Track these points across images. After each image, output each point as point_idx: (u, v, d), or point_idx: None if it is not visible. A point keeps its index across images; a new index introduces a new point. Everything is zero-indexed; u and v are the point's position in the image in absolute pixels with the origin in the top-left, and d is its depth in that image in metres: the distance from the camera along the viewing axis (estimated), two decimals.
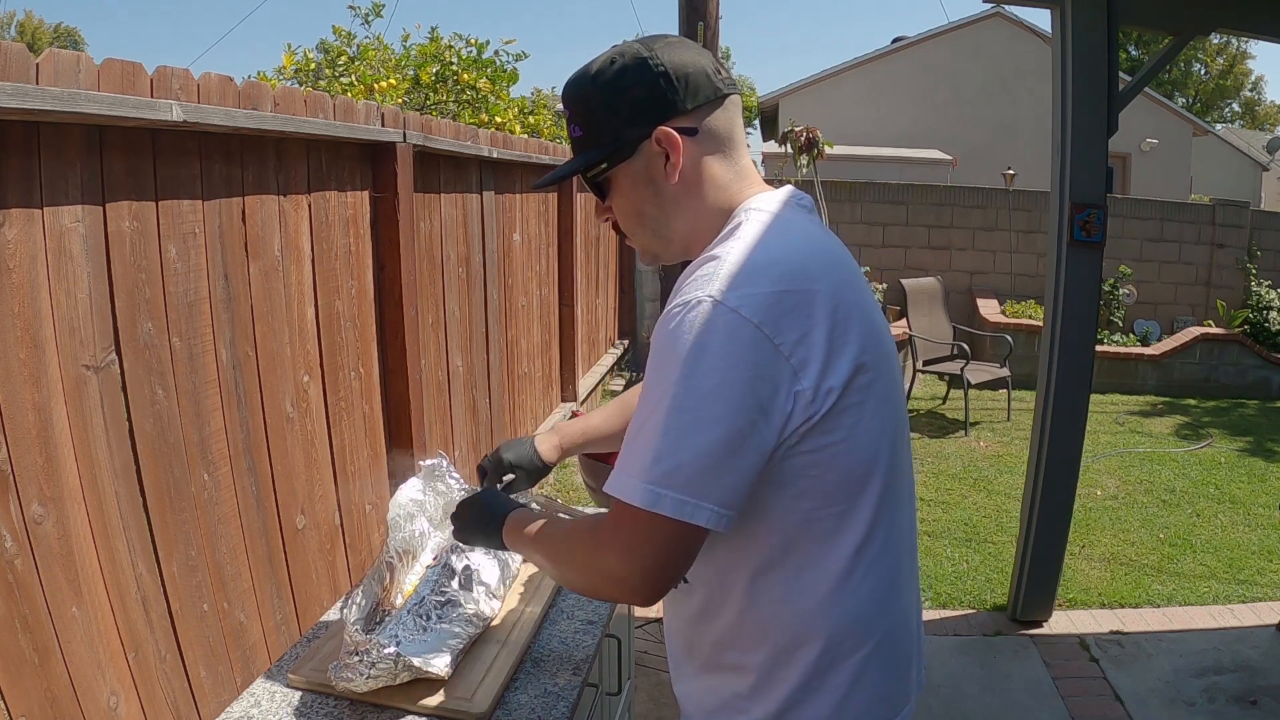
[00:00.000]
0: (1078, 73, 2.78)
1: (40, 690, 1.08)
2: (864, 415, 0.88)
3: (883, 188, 8.48)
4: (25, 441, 1.07)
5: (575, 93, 0.97)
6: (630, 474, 0.84)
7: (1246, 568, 3.72)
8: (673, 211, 0.97)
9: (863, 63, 14.50)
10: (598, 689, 1.67)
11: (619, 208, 1.00)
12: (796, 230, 0.94)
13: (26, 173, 1.08)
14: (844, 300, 0.88)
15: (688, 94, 0.93)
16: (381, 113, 2.05)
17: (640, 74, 0.93)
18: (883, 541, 0.94)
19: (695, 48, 0.97)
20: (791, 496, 0.89)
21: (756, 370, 0.81)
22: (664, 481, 0.81)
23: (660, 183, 0.96)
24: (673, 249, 1.01)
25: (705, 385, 0.81)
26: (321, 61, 5.80)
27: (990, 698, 2.72)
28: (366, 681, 1.28)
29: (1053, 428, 3.01)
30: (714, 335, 0.81)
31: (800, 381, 0.83)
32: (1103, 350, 6.87)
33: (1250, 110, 31.67)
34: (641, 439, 0.84)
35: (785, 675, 0.94)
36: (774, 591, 0.93)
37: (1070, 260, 2.90)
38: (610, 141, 0.95)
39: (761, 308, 0.82)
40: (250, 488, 1.55)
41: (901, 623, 0.99)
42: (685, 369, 0.82)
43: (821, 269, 0.89)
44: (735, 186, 0.97)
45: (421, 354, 2.32)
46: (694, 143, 0.94)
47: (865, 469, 0.91)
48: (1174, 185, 13.38)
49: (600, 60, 0.96)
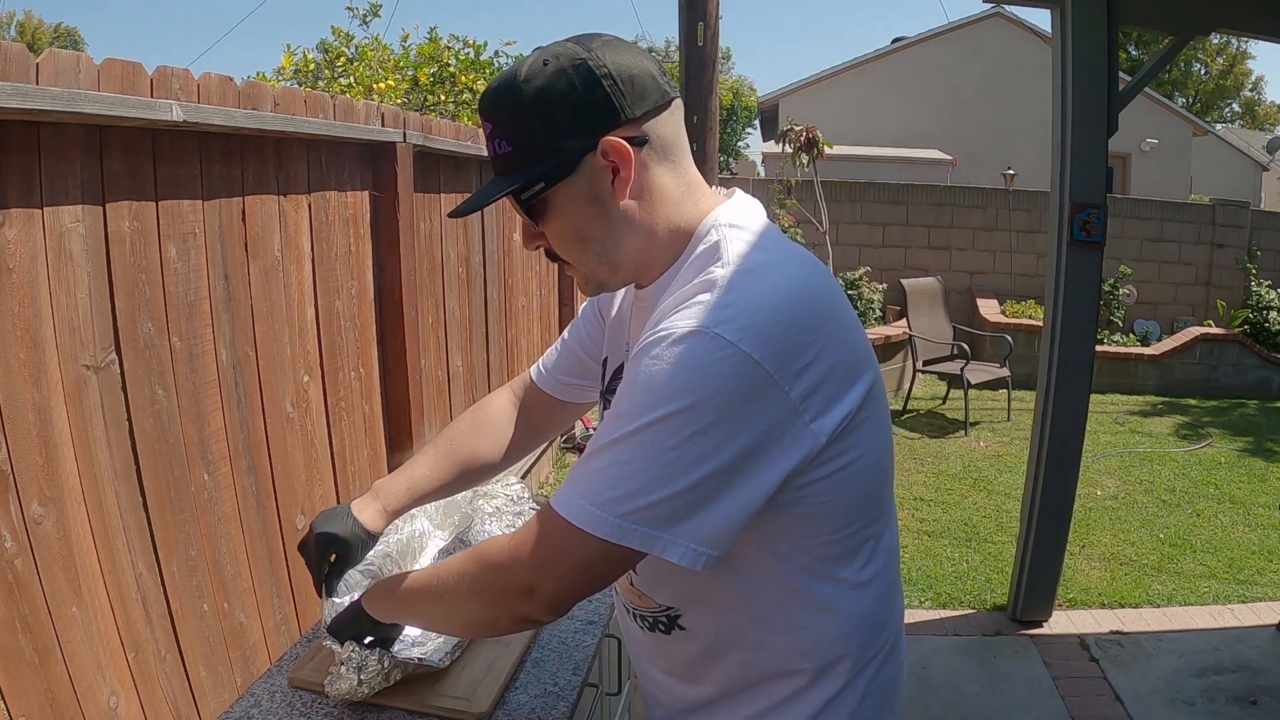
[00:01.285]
0: (1078, 73, 2.78)
1: (40, 690, 1.08)
2: (871, 429, 0.85)
3: (883, 188, 8.48)
4: (25, 441, 1.07)
5: (501, 102, 0.84)
6: (587, 499, 0.77)
7: (1246, 568, 3.72)
8: (622, 232, 0.87)
9: (863, 63, 14.50)
10: (598, 689, 1.67)
11: (556, 231, 0.88)
12: (780, 246, 0.87)
13: (26, 173, 1.08)
14: (837, 315, 0.83)
15: (634, 99, 0.83)
16: (381, 113, 2.05)
17: (581, 77, 0.82)
18: (889, 548, 0.93)
19: (636, 48, 0.88)
20: (816, 523, 0.85)
21: (755, 408, 0.75)
22: (632, 516, 0.75)
23: (607, 201, 0.85)
24: (621, 274, 0.91)
25: (696, 424, 0.74)
26: (320, 62, 5.80)
27: (990, 698, 2.72)
28: (360, 688, 1.28)
29: (1053, 428, 3.01)
30: (708, 371, 0.74)
31: (805, 412, 0.77)
32: (1103, 350, 6.87)
33: (1250, 110, 31.67)
34: (608, 466, 0.77)
35: (810, 696, 0.91)
36: (791, 622, 0.89)
37: (1070, 260, 2.90)
38: (547, 157, 0.83)
39: (762, 340, 0.75)
40: (250, 488, 1.55)
41: (900, 622, 0.99)
42: (675, 405, 0.74)
43: (815, 288, 0.83)
44: (687, 200, 0.89)
45: (421, 354, 2.32)
46: (642, 154, 0.85)
47: (877, 482, 0.88)
48: (1174, 185, 13.38)
49: (530, 64, 0.83)
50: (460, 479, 1.23)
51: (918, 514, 4.32)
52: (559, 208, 0.86)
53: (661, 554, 0.76)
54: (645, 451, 0.75)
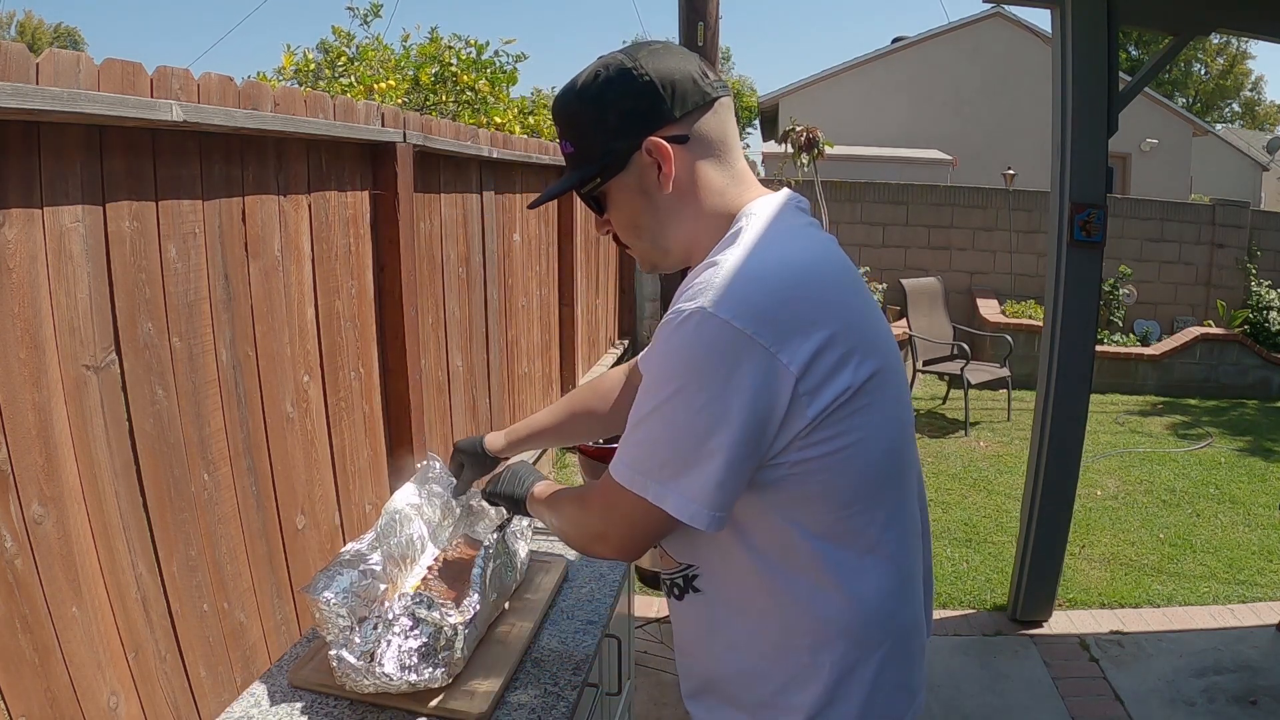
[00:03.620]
0: (1078, 73, 2.78)
1: (40, 690, 1.08)
2: (874, 417, 0.89)
3: (883, 188, 8.48)
4: (25, 441, 1.07)
5: (563, 109, 0.97)
6: (627, 464, 0.90)
7: (1246, 568, 3.72)
8: (668, 221, 0.97)
9: (863, 63, 14.50)
10: (598, 689, 1.67)
11: (616, 220, 1.00)
12: (797, 234, 0.94)
13: (26, 173, 1.08)
14: (847, 303, 0.89)
15: (675, 101, 0.93)
16: (381, 113, 2.05)
17: (625, 85, 0.92)
18: (899, 539, 0.95)
19: (681, 53, 0.97)
20: (808, 502, 0.89)
21: (751, 380, 0.82)
22: (656, 476, 0.87)
23: (654, 193, 0.95)
24: (671, 258, 1.01)
25: (698, 400, 0.83)
26: (321, 62, 5.80)
27: (990, 698, 2.72)
28: (368, 687, 1.32)
29: (1053, 428, 3.01)
30: (706, 348, 0.82)
31: (801, 388, 0.83)
32: (1103, 350, 6.87)
33: (1250, 110, 31.67)
34: (641, 439, 0.89)
35: (815, 677, 0.93)
36: (796, 595, 0.93)
37: (1070, 260, 2.90)
38: (601, 156, 0.95)
39: (756, 317, 0.82)
40: (250, 488, 1.55)
41: (915, 618, 1.00)
42: (679, 382, 0.84)
43: (823, 273, 0.89)
44: (733, 191, 0.97)
45: (421, 354, 2.32)
46: (685, 150, 0.94)
47: (879, 470, 0.91)
48: (1174, 185, 13.38)
49: (585, 74, 0.95)
50: (569, 421, 1.48)
51: None
52: (615, 200, 0.98)
53: (691, 520, 0.86)
54: (664, 426, 0.86)
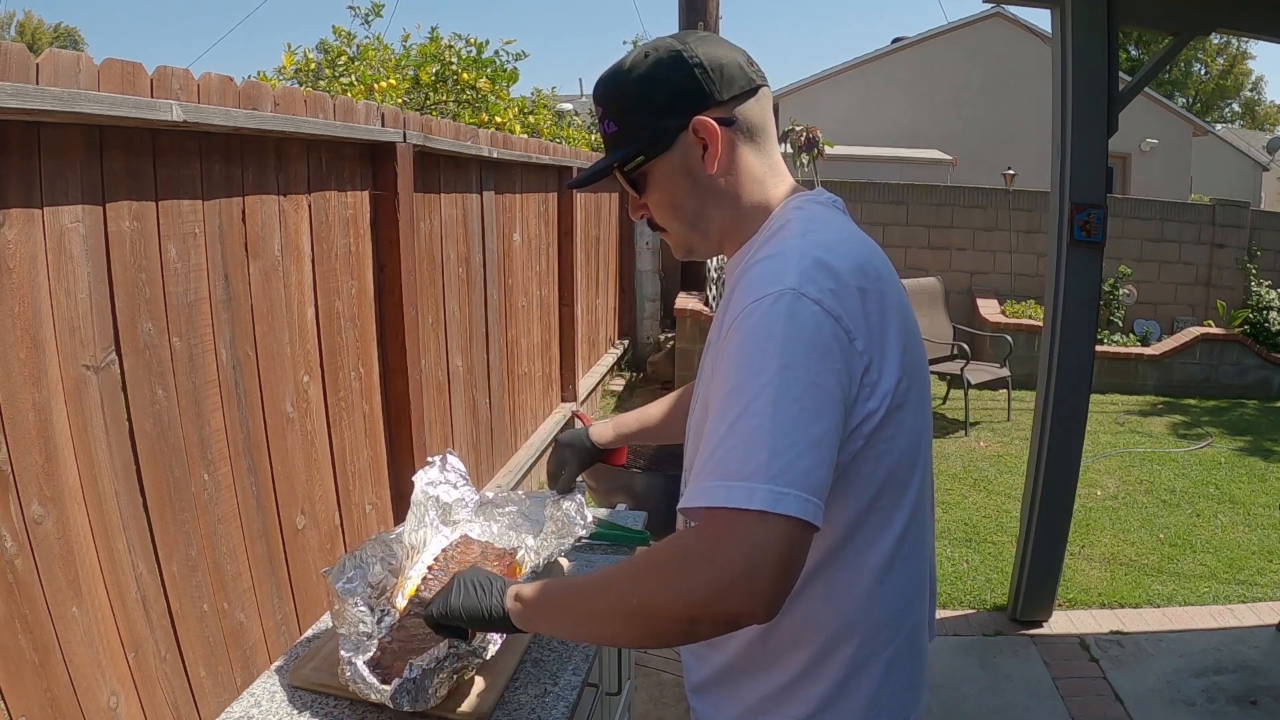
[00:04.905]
0: (1078, 73, 2.78)
1: (40, 690, 1.08)
2: (909, 414, 0.90)
3: (883, 188, 8.48)
4: (25, 441, 1.07)
5: (610, 88, 0.97)
6: (737, 478, 0.74)
7: (1246, 568, 3.72)
8: (710, 203, 0.97)
9: (863, 63, 14.50)
10: (598, 689, 1.67)
11: (655, 202, 1.00)
12: (845, 229, 0.95)
13: (26, 173, 1.08)
14: (900, 302, 0.92)
15: (723, 84, 0.94)
16: (381, 113, 2.05)
17: (676, 65, 0.93)
18: (916, 537, 0.96)
19: (727, 42, 0.99)
20: (851, 494, 0.89)
21: (841, 363, 0.81)
22: (784, 479, 0.73)
23: (698, 174, 0.96)
24: (709, 242, 1.01)
25: (805, 377, 0.78)
26: (321, 62, 5.79)
27: (990, 698, 2.72)
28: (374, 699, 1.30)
29: (1053, 428, 3.01)
30: (802, 327, 0.79)
31: (870, 376, 0.84)
32: (1103, 350, 6.87)
33: (1250, 110, 31.66)
34: (740, 437, 0.76)
35: (821, 675, 0.93)
36: (815, 590, 0.92)
37: (1070, 260, 2.90)
38: (647, 134, 0.95)
39: (839, 302, 0.82)
40: (250, 488, 1.55)
41: (923, 616, 1.01)
42: (783, 360, 0.78)
43: (877, 268, 0.91)
44: (770, 180, 0.98)
45: (421, 354, 2.32)
46: (729, 133, 0.95)
47: (909, 466, 0.92)
48: (1174, 185, 13.38)
49: (634, 55, 0.96)
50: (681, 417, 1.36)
51: None
52: (657, 180, 0.98)
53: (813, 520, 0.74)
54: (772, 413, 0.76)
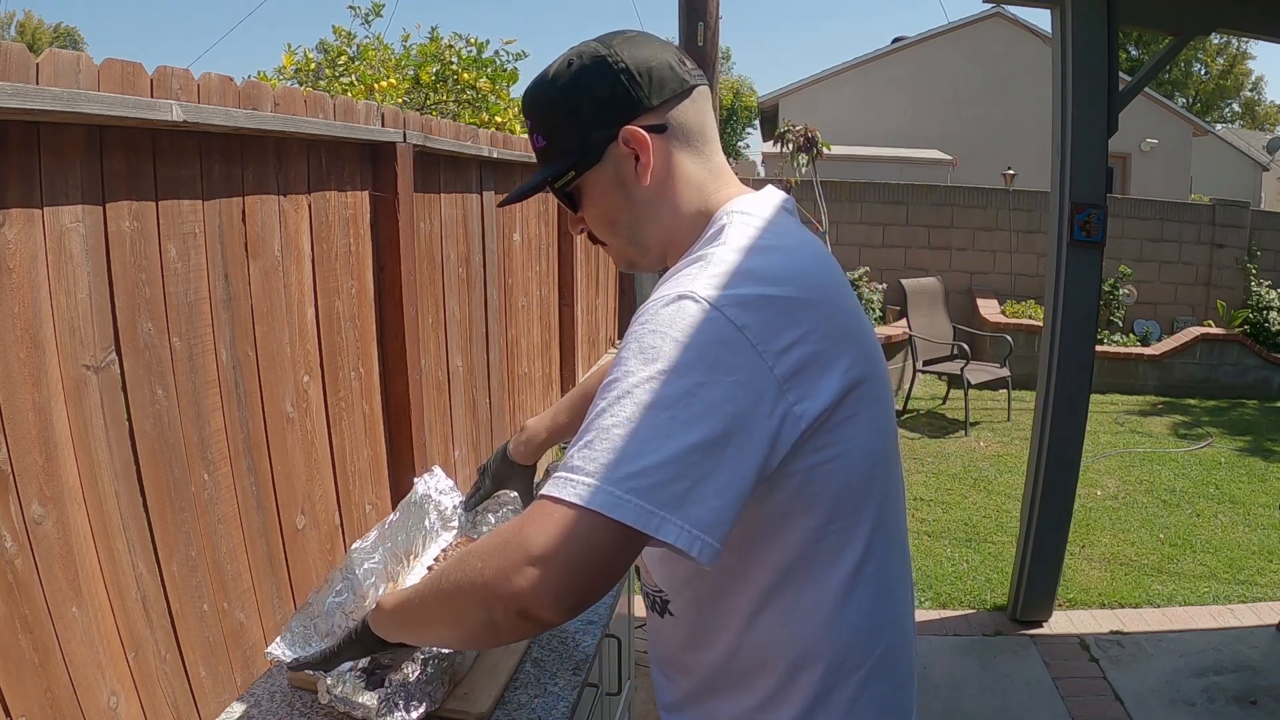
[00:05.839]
0: (1078, 73, 2.78)
1: (40, 690, 1.08)
2: (859, 428, 0.83)
3: (883, 188, 8.48)
4: (25, 441, 1.07)
5: (535, 100, 0.93)
6: (581, 474, 0.70)
7: (1246, 568, 3.72)
8: (646, 216, 0.92)
9: (863, 63, 14.51)
10: (598, 689, 1.67)
11: (591, 217, 0.96)
12: (787, 234, 0.88)
13: (26, 173, 1.08)
14: (837, 308, 0.83)
15: (653, 89, 0.88)
16: (381, 113, 2.05)
17: (600, 73, 0.88)
18: (881, 555, 0.89)
19: (657, 41, 0.93)
20: (790, 518, 0.83)
21: (738, 376, 0.73)
22: (627, 485, 0.69)
23: (631, 186, 0.91)
24: (649, 256, 0.96)
25: (681, 385, 0.72)
26: (321, 61, 5.79)
27: (990, 698, 2.72)
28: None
29: (1053, 428, 3.01)
30: (693, 333, 0.74)
31: (788, 393, 0.76)
32: (1103, 350, 6.87)
33: (1250, 110, 31.66)
34: (600, 434, 0.72)
35: (788, 698, 0.89)
36: (773, 616, 0.87)
37: (1070, 260, 2.90)
38: (576, 148, 0.90)
39: (746, 310, 0.76)
40: (250, 488, 1.55)
41: (900, 635, 0.95)
42: (661, 365, 0.73)
43: (814, 275, 0.84)
44: (711, 186, 0.93)
45: (421, 354, 2.32)
46: (663, 140, 0.89)
47: (863, 484, 0.86)
48: (1174, 185, 13.38)
49: (557, 64, 0.91)
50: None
51: (918, 514, 4.33)
52: (590, 194, 0.93)
53: (657, 533, 0.69)
54: (634, 414, 0.71)
